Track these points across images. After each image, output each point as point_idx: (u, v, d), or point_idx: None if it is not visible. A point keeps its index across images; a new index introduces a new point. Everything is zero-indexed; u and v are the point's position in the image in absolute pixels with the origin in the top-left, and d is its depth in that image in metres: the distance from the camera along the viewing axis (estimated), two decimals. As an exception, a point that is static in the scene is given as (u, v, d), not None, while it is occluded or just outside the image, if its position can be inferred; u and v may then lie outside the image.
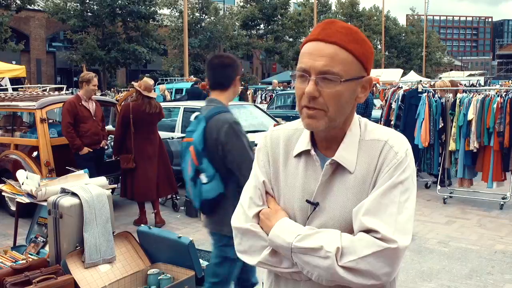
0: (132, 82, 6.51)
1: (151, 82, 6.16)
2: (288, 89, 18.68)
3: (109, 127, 9.31)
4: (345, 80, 1.26)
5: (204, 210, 2.76)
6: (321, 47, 1.27)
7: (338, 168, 1.33)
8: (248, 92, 20.51)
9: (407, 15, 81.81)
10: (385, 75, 25.84)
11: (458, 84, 9.23)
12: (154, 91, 6.84)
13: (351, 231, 1.28)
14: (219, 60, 2.85)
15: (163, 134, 7.80)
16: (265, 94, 19.73)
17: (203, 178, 2.64)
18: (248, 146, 2.68)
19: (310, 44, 1.30)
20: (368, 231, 1.24)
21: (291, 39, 40.84)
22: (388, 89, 10.60)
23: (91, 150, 6.01)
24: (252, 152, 2.64)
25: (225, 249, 2.71)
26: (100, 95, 16.66)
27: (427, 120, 7.21)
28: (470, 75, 36.63)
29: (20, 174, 4.55)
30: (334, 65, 1.25)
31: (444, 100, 7.24)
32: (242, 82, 31.21)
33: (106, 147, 6.53)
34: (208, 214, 2.78)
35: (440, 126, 7.20)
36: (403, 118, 8.00)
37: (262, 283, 1.53)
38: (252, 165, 1.47)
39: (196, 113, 2.76)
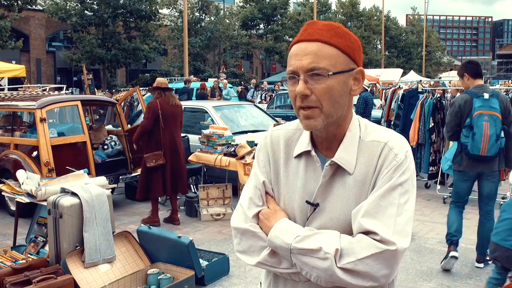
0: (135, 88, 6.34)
1: (164, 80, 6.29)
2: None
3: (109, 127, 9.32)
4: (333, 74, 1.27)
5: (495, 156, 4.23)
6: (305, 46, 1.29)
7: (338, 169, 1.32)
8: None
9: (407, 15, 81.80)
10: (385, 75, 25.77)
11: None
12: None
13: (350, 232, 1.28)
14: (477, 62, 4.52)
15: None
16: (265, 94, 19.72)
17: (502, 133, 4.16)
18: None
19: (295, 46, 1.33)
20: (367, 232, 1.24)
21: (291, 39, 40.78)
22: (388, 89, 10.59)
23: None
24: None
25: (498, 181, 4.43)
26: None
27: (417, 119, 7.29)
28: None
29: (20, 174, 4.55)
30: (319, 60, 1.27)
31: (435, 100, 7.31)
32: (242, 82, 31.25)
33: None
34: (494, 158, 4.25)
35: (430, 126, 7.22)
36: (402, 118, 8.00)
37: (260, 283, 1.53)
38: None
39: (487, 94, 4.20)
